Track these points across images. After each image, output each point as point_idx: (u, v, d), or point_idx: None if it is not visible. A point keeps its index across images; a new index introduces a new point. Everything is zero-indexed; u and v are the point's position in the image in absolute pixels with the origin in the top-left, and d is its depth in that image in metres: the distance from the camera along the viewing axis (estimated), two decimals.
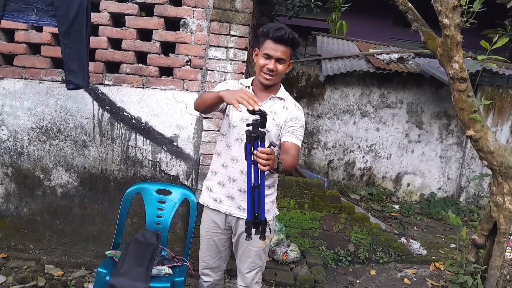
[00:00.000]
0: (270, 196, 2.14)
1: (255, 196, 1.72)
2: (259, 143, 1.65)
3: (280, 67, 1.96)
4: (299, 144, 2.05)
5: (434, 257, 4.16)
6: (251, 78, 2.14)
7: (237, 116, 2.03)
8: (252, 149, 1.64)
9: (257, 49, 2.03)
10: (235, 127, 2.05)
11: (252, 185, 1.72)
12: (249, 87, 2.09)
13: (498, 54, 2.77)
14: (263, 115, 1.68)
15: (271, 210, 2.15)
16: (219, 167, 2.12)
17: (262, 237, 1.74)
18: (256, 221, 1.73)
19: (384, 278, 3.72)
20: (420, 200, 6.31)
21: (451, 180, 6.32)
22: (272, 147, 1.66)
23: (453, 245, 4.56)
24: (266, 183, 2.07)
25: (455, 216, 3.14)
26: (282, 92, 2.11)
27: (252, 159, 1.64)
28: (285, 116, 2.04)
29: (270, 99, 2.06)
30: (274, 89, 2.08)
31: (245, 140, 1.92)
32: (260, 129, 1.66)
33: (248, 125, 1.70)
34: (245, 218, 2.01)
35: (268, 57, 1.93)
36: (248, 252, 2.13)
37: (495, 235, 2.78)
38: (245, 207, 2.04)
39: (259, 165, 1.60)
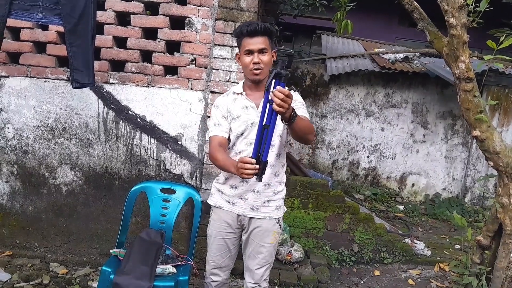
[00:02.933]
0: (281, 192, 2.18)
1: (263, 136, 1.73)
2: (279, 83, 1.65)
3: (264, 58, 1.97)
4: (308, 117, 2.04)
5: (438, 258, 4.14)
6: (241, 83, 2.16)
7: (241, 125, 2.05)
8: (272, 87, 1.64)
9: (237, 53, 2.07)
10: (243, 134, 2.07)
11: (263, 124, 1.73)
12: (241, 93, 2.10)
13: (504, 54, 2.75)
14: (290, 54, 1.68)
15: (281, 207, 2.19)
16: (228, 173, 2.11)
17: (259, 178, 1.76)
18: (258, 161, 1.74)
19: (388, 279, 3.70)
20: (424, 200, 6.29)
21: (456, 181, 6.29)
22: (292, 91, 1.65)
23: (457, 246, 4.54)
24: (277, 179, 2.12)
25: (460, 217, 3.12)
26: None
27: (270, 97, 1.63)
28: None
29: None
30: None
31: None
32: (284, 68, 1.64)
33: (275, 62, 1.70)
34: (259, 217, 2.10)
35: (250, 52, 1.96)
36: (258, 249, 2.14)
37: (500, 236, 2.76)
38: (258, 207, 2.09)
39: (273, 104, 1.60)
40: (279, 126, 2.03)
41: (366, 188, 6.26)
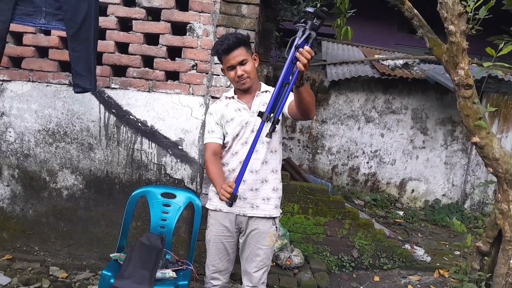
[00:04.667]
0: (280, 190, 2.24)
1: (280, 93, 1.80)
2: (305, 43, 1.69)
3: (246, 67, 2.07)
4: None
5: (438, 264, 4.14)
6: (233, 89, 2.26)
7: (236, 127, 2.12)
8: (298, 45, 1.68)
9: (222, 68, 2.17)
10: (238, 135, 2.14)
11: (282, 81, 1.79)
12: (233, 97, 2.19)
13: (503, 61, 2.76)
14: (322, 18, 1.70)
15: (278, 207, 2.22)
16: (226, 172, 2.18)
17: (268, 135, 1.87)
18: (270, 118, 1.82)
19: (388, 285, 3.70)
20: (424, 206, 6.29)
21: (456, 187, 6.29)
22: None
23: (457, 252, 4.54)
24: (275, 175, 2.18)
25: (459, 223, 3.12)
26: (264, 86, 2.23)
27: (296, 55, 1.67)
28: None
29: (257, 96, 2.17)
30: (256, 88, 2.19)
31: (250, 143, 1.98)
32: (314, 30, 1.69)
33: (304, 22, 1.74)
34: (259, 215, 2.14)
35: (232, 67, 2.07)
36: (256, 251, 2.17)
37: (500, 243, 2.76)
38: (258, 204, 2.14)
39: (298, 62, 1.65)
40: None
41: (366, 193, 6.27)
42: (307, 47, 1.65)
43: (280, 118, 1.87)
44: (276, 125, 1.86)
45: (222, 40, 2.04)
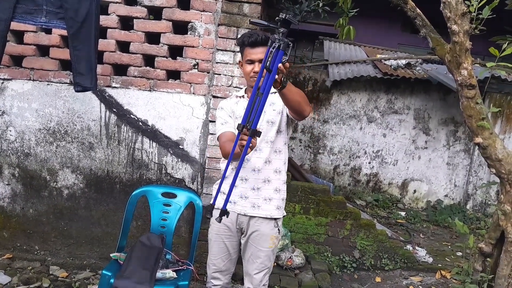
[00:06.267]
0: (283, 192, 2.21)
1: (255, 102, 1.69)
2: (277, 52, 1.65)
3: None
4: None
5: (440, 265, 4.12)
6: (244, 88, 2.27)
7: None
8: (275, 58, 1.64)
9: (240, 60, 2.16)
10: None
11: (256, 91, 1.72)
12: (243, 96, 2.21)
13: (506, 61, 2.74)
14: (293, 22, 1.68)
15: (282, 208, 2.20)
16: (229, 170, 2.14)
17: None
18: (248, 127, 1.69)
19: (389, 286, 3.68)
20: (426, 207, 6.27)
21: (458, 187, 6.27)
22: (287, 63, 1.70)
23: (459, 253, 4.51)
24: (278, 176, 2.15)
25: (462, 223, 3.10)
26: (273, 88, 2.17)
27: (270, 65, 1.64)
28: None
29: None
30: None
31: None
32: (286, 37, 1.66)
33: (277, 31, 1.70)
34: (260, 215, 2.12)
35: (251, 62, 2.06)
36: (257, 253, 2.15)
37: (502, 244, 2.74)
38: (260, 204, 2.12)
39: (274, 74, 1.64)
40: (276, 122, 2.11)
41: (368, 194, 6.25)
42: (281, 66, 1.63)
43: (259, 129, 1.74)
44: (258, 137, 1.74)
45: (252, 34, 2.05)
